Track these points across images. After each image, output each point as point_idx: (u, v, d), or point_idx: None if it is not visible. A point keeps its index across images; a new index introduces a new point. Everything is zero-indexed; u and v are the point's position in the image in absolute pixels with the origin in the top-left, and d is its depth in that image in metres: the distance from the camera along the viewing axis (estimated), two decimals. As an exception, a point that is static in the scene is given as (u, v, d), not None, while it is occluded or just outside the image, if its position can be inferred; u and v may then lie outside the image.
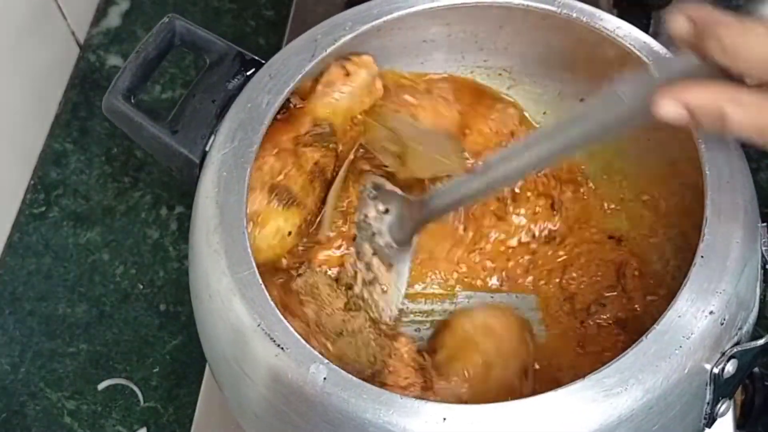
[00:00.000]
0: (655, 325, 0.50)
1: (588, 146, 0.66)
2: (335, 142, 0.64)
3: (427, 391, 0.59)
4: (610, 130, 0.55)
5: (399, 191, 0.67)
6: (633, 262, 0.68)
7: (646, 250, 0.68)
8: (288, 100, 0.61)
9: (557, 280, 0.69)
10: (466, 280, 0.70)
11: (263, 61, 0.62)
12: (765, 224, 0.56)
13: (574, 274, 0.69)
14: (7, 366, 0.83)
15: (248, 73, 0.62)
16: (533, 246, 0.70)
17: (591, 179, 0.71)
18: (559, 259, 0.70)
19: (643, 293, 0.67)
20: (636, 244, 0.69)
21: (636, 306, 0.66)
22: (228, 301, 0.52)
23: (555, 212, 0.70)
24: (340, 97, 0.64)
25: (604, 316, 0.66)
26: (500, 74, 0.71)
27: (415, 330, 0.68)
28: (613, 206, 0.70)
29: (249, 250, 0.52)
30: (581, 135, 0.56)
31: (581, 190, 0.71)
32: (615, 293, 0.67)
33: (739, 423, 0.69)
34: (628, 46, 0.61)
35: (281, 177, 0.60)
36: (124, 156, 0.95)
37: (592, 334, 0.66)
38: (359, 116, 0.66)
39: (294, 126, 0.63)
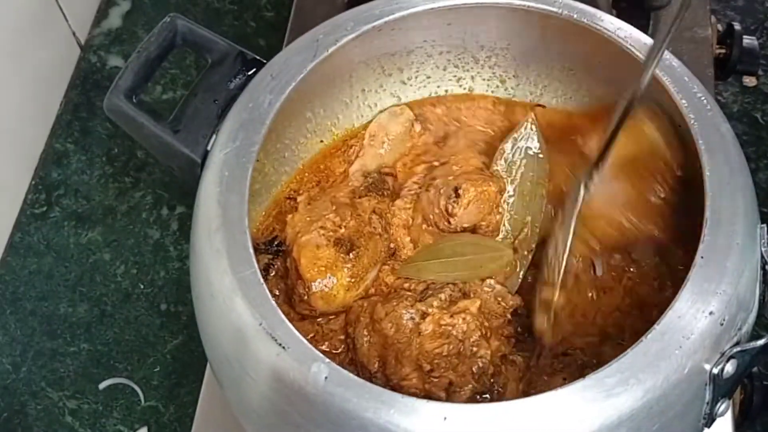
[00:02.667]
0: (655, 326, 0.50)
1: None
2: (387, 188, 0.67)
3: None
4: None
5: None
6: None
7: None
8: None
9: None
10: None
11: (264, 61, 0.62)
12: (764, 225, 0.56)
13: None
14: (9, 365, 0.83)
15: (250, 73, 0.62)
16: None
17: None
18: None
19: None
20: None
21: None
22: (230, 300, 0.52)
23: None
24: (386, 148, 0.69)
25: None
26: (500, 74, 0.72)
27: None
28: None
29: (251, 249, 0.53)
30: None
31: None
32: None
33: (738, 422, 0.69)
34: (629, 47, 0.61)
35: (343, 230, 0.61)
36: (125, 156, 0.95)
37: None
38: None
39: (347, 182, 0.67)
